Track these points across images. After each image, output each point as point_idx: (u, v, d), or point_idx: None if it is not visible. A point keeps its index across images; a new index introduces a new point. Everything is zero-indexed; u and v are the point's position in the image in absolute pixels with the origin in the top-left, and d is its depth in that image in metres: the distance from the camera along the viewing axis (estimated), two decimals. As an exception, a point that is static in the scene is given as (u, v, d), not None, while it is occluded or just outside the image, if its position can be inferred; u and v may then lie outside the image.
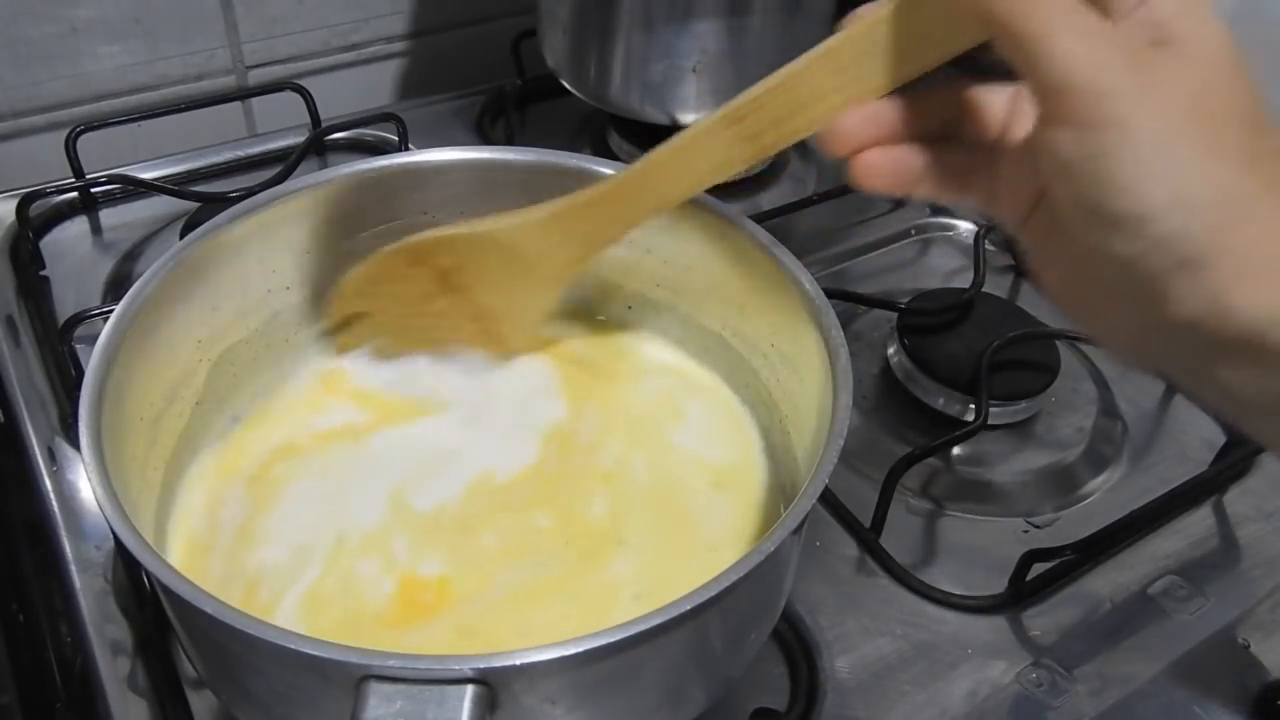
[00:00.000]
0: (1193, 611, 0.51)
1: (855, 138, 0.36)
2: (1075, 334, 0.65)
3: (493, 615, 0.41)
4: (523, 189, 0.48)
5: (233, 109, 0.80)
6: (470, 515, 0.44)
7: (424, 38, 0.86)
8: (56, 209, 0.70)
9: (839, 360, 0.40)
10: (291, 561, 0.42)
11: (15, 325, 0.62)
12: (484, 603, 0.41)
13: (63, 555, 0.50)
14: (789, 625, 0.49)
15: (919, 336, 0.60)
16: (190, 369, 0.45)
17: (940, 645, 0.49)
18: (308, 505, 0.45)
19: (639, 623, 0.31)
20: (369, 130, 0.77)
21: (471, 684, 0.30)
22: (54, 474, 0.53)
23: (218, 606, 0.31)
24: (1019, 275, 0.72)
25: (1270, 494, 0.57)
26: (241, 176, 0.74)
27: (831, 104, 0.36)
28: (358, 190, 0.48)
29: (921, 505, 0.56)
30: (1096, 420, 0.60)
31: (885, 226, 0.75)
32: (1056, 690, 0.47)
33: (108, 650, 0.46)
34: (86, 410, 0.37)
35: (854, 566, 0.52)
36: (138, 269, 0.66)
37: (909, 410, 0.60)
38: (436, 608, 0.41)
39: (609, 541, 0.44)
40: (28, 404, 0.57)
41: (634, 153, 0.75)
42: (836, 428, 0.37)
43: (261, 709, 0.37)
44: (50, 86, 0.74)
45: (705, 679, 0.38)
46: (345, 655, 0.30)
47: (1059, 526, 0.55)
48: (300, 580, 0.42)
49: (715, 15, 0.67)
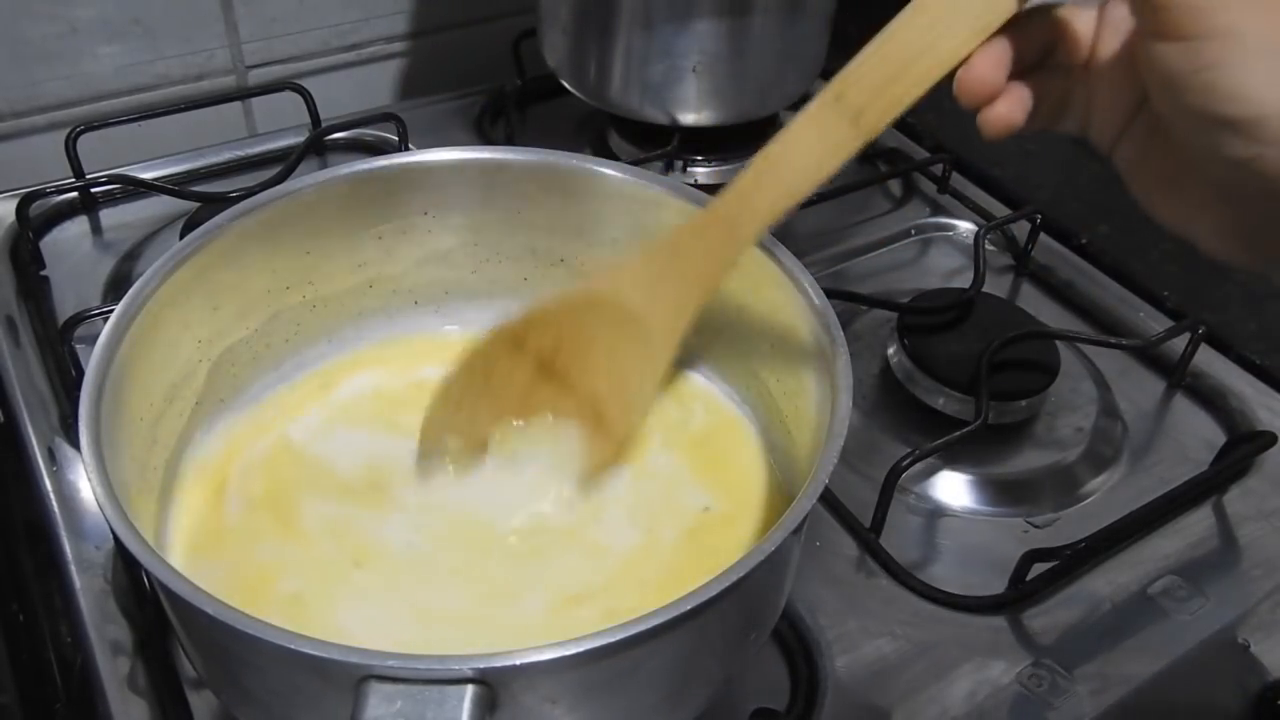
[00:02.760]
0: (1193, 611, 0.51)
1: (987, 85, 0.34)
2: (1075, 334, 0.65)
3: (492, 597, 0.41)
4: (523, 189, 0.48)
5: (233, 109, 0.80)
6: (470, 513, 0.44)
7: (424, 38, 0.86)
8: (56, 209, 0.70)
9: (839, 360, 0.40)
10: (292, 562, 0.42)
11: (15, 325, 0.62)
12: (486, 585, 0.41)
13: (63, 555, 0.50)
14: (789, 625, 0.49)
15: (919, 336, 0.60)
16: (190, 369, 0.45)
17: (940, 645, 0.49)
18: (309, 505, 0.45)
19: (639, 623, 0.31)
20: (369, 130, 0.77)
21: (471, 684, 0.30)
22: (54, 474, 0.53)
23: (218, 606, 0.31)
24: (1019, 275, 0.72)
25: (1270, 494, 0.57)
26: (241, 176, 0.74)
27: (931, 61, 0.34)
28: (358, 190, 0.48)
29: (921, 505, 0.56)
30: (1096, 420, 0.60)
31: (885, 226, 0.75)
32: (1056, 690, 0.47)
33: (108, 650, 0.46)
34: (86, 410, 0.37)
35: (854, 566, 0.52)
36: (138, 269, 0.66)
37: (909, 410, 0.60)
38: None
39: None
40: (28, 404, 0.57)
41: (634, 153, 0.75)
42: (836, 428, 0.37)
43: (261, 709, 0.37)
44: (50, 86, 0.74)
45: (705, 679, 0.38)
46: (345, 655, 0.30)
47: (1059, 526, 0.55)
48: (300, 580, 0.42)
49: (715, 15, 0.67)
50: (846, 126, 0.36)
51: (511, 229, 0.51)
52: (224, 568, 0.42)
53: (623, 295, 0.41)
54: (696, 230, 0.40)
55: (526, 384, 0.43)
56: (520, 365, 0.42)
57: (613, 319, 0.41)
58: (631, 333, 0.41)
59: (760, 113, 0.74)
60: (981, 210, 0.75)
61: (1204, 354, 0.64)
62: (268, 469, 0.46)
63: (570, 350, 0.42)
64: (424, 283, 0.52)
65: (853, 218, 0.75)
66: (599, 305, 0.41)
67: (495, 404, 0.43)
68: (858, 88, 0.36)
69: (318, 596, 0.41)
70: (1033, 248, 0.72)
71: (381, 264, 0.51)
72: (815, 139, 0.37)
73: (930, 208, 0.76)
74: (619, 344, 0.41)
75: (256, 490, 0.46)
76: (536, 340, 0.42)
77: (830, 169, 0.38)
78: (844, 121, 0.36)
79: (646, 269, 0.40)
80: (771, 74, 0.71)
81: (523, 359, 0.42)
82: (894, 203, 0.76)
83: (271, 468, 0.47)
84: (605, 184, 0.49)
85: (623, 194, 0.48)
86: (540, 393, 0.43)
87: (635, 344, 0.41)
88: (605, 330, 0.41)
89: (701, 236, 0.40)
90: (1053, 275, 0.71)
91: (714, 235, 0.40)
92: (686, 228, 0.40)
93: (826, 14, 0.73)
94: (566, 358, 0.42)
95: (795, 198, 0.39)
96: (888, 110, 0.36)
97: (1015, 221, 0.72)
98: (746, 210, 0.39)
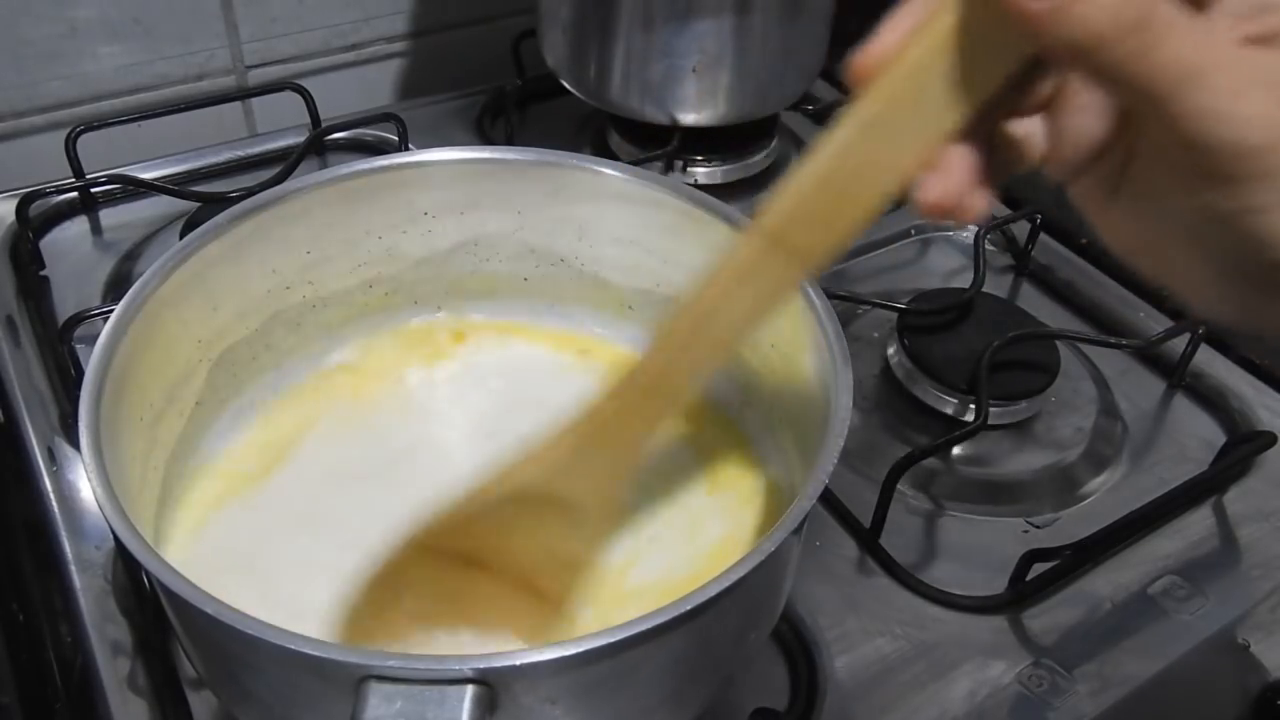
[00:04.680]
0: (1193, 611, 0.51)
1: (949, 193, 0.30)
2: (1075, 334, 0.65)
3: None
4: (523, 189, 0.48)
5: (233, 109, 0.80)
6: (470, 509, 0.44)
7: (424, 38, 0.86)
8: (56, 209, 0.70)
9: (839, 360, 0.40)
10: (292, 562, 0.42)
11: (15, 325, 0.62)
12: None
13: (63, 555, 0.50)
14: (789, 625, 0.49)
15: (919, 336, 0.60)
16: (190, 369, 0.45)
17: (940, 645, 0.49)
18: (308, 505, 0.45)
19: (639, 623, 0.31)
20: (369, 130, 0.77)
21: (471, 684, 0.30)
22: (54, 474, 0.53)
23: (218, 606, 0.31)
24: (1019, 275, 0.72)
25: (1270, 494, 0.57)
26: (241, 176, 0.74)
27: (889, 177, 0.30)
28: (358, 190, 0.48)
29: (921, 505, 0.56)
30: (1096, 420, 0.60)
31: (885, 226, 0.74)
32: (1056, 690, 0.47)
33: (108, 650, 0.46)
34: (86, 410, 0.37)
35: (854, 566, 0.52)
36: (138, 269, 0.66)
37: (909, 410, 0.60)
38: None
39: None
40: (28, 404, 0.57)
41: (634, 153, 0.75)
42: (836, 428, 0.37)
43: (261, 709, 0.37)
44: (50, 86, 0.74)
45: (705, 679, 0.38)
46: (345, 655, 0.30)
47: (1059, 526, 0.55)
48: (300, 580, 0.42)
49: (715, 15, 0.67)
50: (794, 261, 0.32)
51: (511, 229, 0.51)
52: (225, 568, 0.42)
53: (547, 482, 0.37)
54: (620, 395, 0.36)
55: (444, 583, 0.39)
56: (433, 570, 0.38)
57: (540, 506, 0.37)
58: (562, 515, 0.37)
59: (760, 113, 0.74)
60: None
61: (1204, 354, 0.64)
62: (268, 469, 0.46)
63: (496, 544, 0.38)
64: (424, 283, 0.52)
65: (853, 218, 0.74)
66: (523, 498, 0.37)
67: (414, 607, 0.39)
68: (804, 220, 0.31)
69: (319, 596, 0.41)
70: (1033, 248, 0.72)
71: (381, 264, 0.51)
72: (751, 286, 0.32)
73: (930, 208, 0.76)
74: (550, 527, 0.38)
75: (256, 490, 0.46)
76: (451, 545, 0.38)
77: (768, 315, 0.33)
78: (791, 257, 0.31)
79: (570, 447, 0.36)
80: (771, 74, 0.71)
81: (435, 566, 0.38)
82: (894, 202, 0.76)
83: (272, 467, 0.47)
84: (605, 184, 0.49)
85: (623, 194, 0.49)
86: (461, 588, 0.39)
87: (567, 524, 0.37)
88: (533, 518, 0.37)
89: (626, 401, 0.36)
90: (1053, 275, 0.71)
91: (640, 399, 0.36)
92: (610, 393, 0.36)
93: (826, 14, 0.73)
94: (490, 553, 0.38)
95: (728, 352, 0.34)
96: (839, 238, 0.31)
97: (1015, 221, 0.72)
98: (674, 369, 0.35)
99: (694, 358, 0.35)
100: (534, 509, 0.37)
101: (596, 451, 0.36)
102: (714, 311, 0.33)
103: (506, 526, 0.38)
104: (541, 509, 0.37)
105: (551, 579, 0.39)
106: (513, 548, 0.38)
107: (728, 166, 0.75)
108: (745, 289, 0.33)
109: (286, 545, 0.43)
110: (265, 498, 0.45)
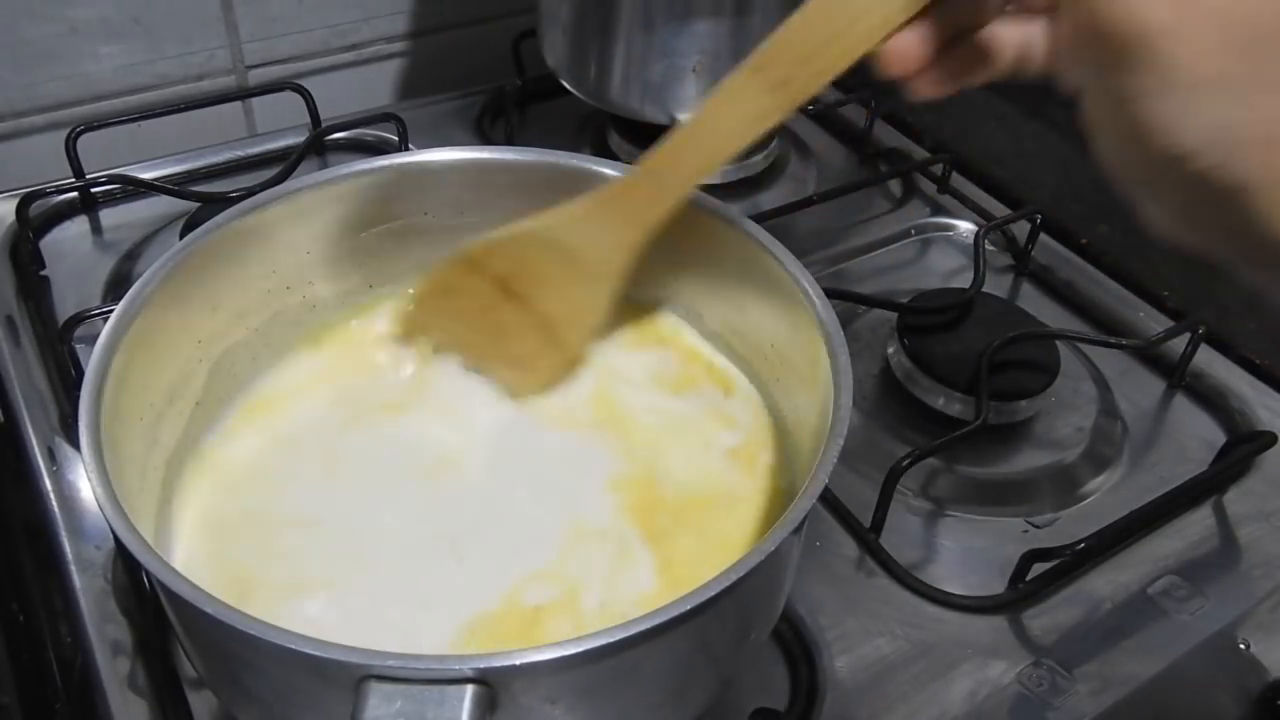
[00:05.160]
0: (1193, 611, 0.51)
1: (909, 59, 0.34)
2: (1075, 334, 0.65)
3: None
4: (523, 189, 0.48)
5: (233, 109, 0.80)
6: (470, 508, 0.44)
7: (424, 38, 0.87)
8: (56, 209, 0.70)
9: (839, 360, 0.40)
10: (292, 561, 0.42)
11: (15, 325, 0.62)
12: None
13: (63, 555, 0.50)
14: (789, 625, 0.49)
15: (919, 336, 0.60)
16: (190, 369, 0.45)
17: (940, 645, 0.49)
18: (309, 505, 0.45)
19: (639, 622, 0.31)
20: (369, 130, 0.77)
21: (471, 684, 0.30)
22: (54, 474, 0.53)
23: (218, 606, 0.31)
24: (1019, 275, 0.72)
25: (1270, 494, 0.57)
26: (241, 176, 0.74)
27: (863, 29, 0.34)
28: (358, 190, 0.48)
29: (921, 505, 0.56)
30: (1096, 420, 0.60)
31: (885, 226, 0.75)
32: (1056, 690, 0.47)
33: (108, 650, 0.46)
34: (86, 410, 0.37)
35: (854, 566, 0.52)
36: (138, 269, 0.66)
37: (909, 410, 0.60)
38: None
39: (608, 540, 0.44)
40: (28, 404, 0.57)
41: (634, 153, 0.75)
42: (836, 428, 0.37)
43: (261, 709, 0.37)
44: (50, 86, 0.74)
45: (705, 678, 0.38)
46: (345, 655, 0.30)
47: (1059, 526, 0.55)
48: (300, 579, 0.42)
49: (715, 15, 0.67)
50: (767, 98, 0.38)
51: (511, 229, 0.51)
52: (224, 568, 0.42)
53: (560, 233, 0.45)
54: (629, 185, 0.44)
55: (489, 301, 0.47)
56: (481, 284, 0.47)
57: (556, 253, 0.46)
58: (571, 265, 0.46)
59: (760, 113, 0.74)
60: (981, 210, 0.75)
61: (1204, 354, 0.64)
62: (268, 468, 0.46)
63: (525, 276, 0.47)
64: (424, 282, 0.52)
65: (853, 218, 0.75)
66: (542, 240, 0.45)
67: (463, 313, 0.48)
68: (785, 57, 0.37)
69: (319, 596, 0.41)
70: (1033, 248, 0.72)
71: (381, 264, 0.51)
72: (736, 110, 0.39)
73: (930, 208, 0.76)
74: (563, 275, 0.46)
75: (256, 489, 0.46)
76: (493, 265, 0.47)
77: (752, 136, 0.40)
78: (764, 93, 0.38)
79: (583, 214, 0.45)
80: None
81: (482, 280, 0.47)
82: (894, 203, 0.76)
83: (272, 467, 0.47)
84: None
85: (623, 194, 0.49)
86: (503, 311, 0.48)
87: (576, 274, 0.46)
88: (551, 261, 0.46)
89: (634, 189, 0.44)
90: (1053, 275, 0.71)
91: (645, 188, 0.44)
92: (620, 182, 0.44)
93: (826, 14, 0.73)
94: (523, 283, 0.47)
95: (719, 162, 0.42)
96: (816, 78, 0.37)
97: (1015, 221, 0.72)
98: (674, 169, 0.43)
99: (687, 164, 0.42)
100: (557, 255, 0.45)
101: (604, 222, 0.44)
102: (705, 126, 0.40)
103: (536, 262, 0.46)
104: (562, 256, 0.45)
105: (568, 328, 0.48)
106: (540, 283, 0.47)
107: (727, 166, 0.75)
108: (730, 111, 0.39)
109: (287, 544, 0.43)
110: (265, 497, 0.45)
